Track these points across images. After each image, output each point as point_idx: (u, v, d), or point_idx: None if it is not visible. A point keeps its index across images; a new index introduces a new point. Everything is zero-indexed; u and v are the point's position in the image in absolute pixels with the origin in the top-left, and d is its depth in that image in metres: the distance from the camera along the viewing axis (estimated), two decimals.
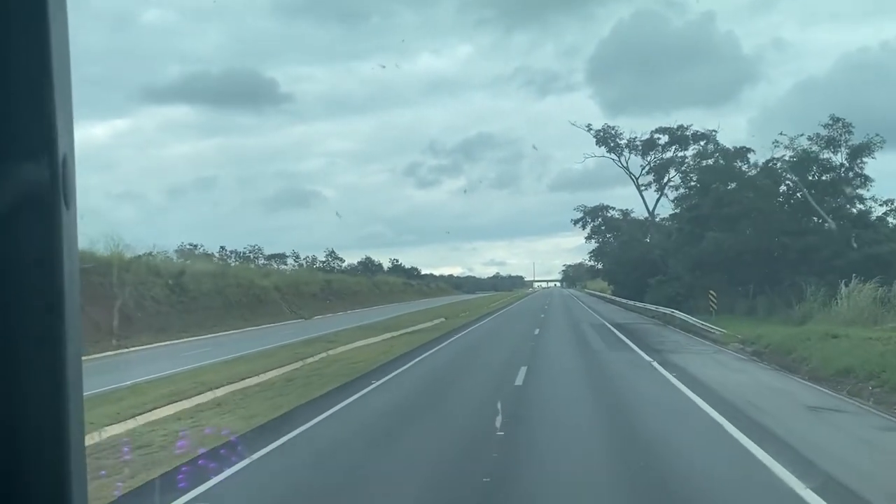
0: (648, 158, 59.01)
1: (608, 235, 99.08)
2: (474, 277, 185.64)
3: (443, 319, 48.19)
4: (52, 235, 0.86)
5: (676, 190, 51.14)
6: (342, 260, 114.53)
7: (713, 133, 52.85)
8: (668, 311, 39.17)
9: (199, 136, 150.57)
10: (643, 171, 60.79)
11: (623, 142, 60.02)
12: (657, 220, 62.28)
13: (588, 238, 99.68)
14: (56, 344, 0.86)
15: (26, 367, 0.85)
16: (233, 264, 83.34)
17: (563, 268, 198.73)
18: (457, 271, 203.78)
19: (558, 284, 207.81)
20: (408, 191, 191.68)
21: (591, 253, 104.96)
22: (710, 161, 46.59)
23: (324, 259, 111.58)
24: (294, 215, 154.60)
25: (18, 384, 0.85)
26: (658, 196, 59.59)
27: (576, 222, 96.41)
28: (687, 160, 51.03)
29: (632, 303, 57.13)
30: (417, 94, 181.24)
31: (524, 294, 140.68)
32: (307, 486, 8.25)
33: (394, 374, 18.64)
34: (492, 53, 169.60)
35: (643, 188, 60.30)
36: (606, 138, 59.49)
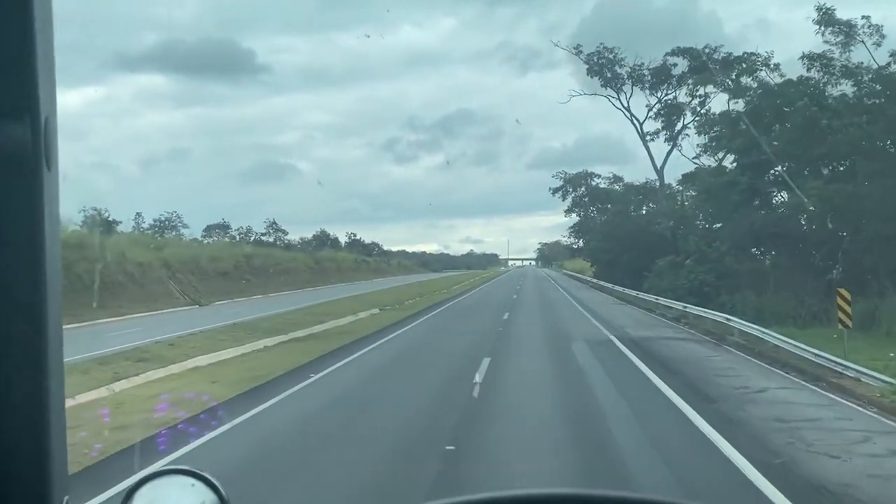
0: (659, 95, 43.75)
1: (592, 209, 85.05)
2: (447, 255, 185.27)
3: (376, 311, 35.96)
4: (34, 196, 0.85)
5: (704, 133, 36.30)
6: (284, 232, 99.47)
7: (754, 57, 36.50)
8: (700, 311, 24.69)
9: (173, 106, 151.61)
10: (649, 115, 45.46)
11: (625, 70, 44.63)
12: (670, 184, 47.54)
13: (568, 211, 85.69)
14: (36, 306, 0.86)
15: (6, 328, 0.85)
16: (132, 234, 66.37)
17: (539, 246, 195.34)
18: (433, 248, 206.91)
19: (533, 263, 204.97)
20: (386, 166, 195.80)
21: (571, 228, 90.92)
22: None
23: (264, 231, 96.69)
24: (269, 189, 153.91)
25: (3, 349, 0.85)
26: (670, 147, 44.64)
27: (555, 191, 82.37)
28: (724, 84, 35.76)
29: (623, 290, 42.98)
30: (398, 67, 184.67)
31: (496, 273, 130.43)
32: None
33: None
34: (475, 27, 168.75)
35: (649, 137, 45.25)
36: (602, 66, 44.15)
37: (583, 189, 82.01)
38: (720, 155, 35.53)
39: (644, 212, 55.20)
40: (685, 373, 13.82)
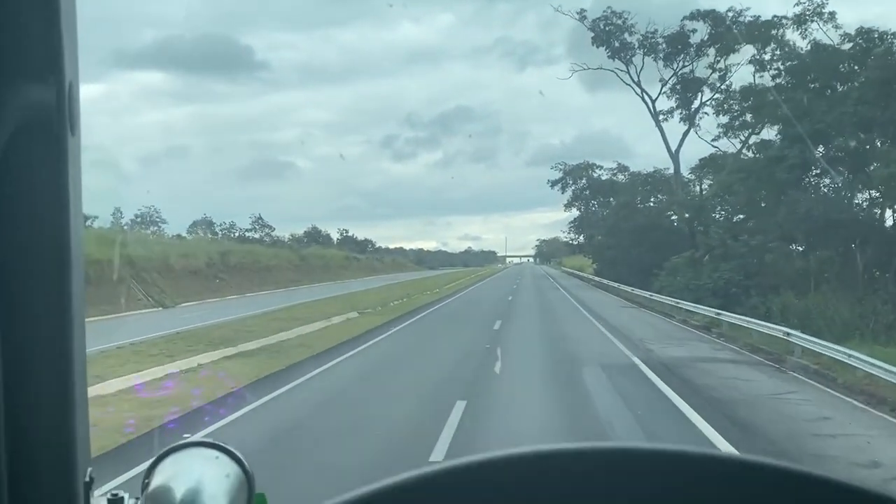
0: (675, 66, 38.55)
1: (593, 202, 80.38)
2: (445, 252, 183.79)
3: (354, 315, 31.54)
4: (59, 159, 0.85)
5: (724, 111, 31.51)
6: (271, 228, 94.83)
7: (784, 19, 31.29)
8: (738, 319, 20.11)
9: (172, 103, 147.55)
10: (663, 90, 40.23)
11: (635, 38, 39.28)
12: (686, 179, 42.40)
13: (568, 205, 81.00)
14: (63, 269, 0.86)
15: (35, 289, 0.85)
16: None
17: (537, 243, 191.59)
18: (431, 245, 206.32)
19: (531, 260, 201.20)
20: (384, 163, 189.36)
21: (571, 223, 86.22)
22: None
23: (249, 227, 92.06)
24: (268, 186, 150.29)
25: (28, 311, 0.85)
26: (686, 128, 39.43)
27: (554, 184, 77.60)
28: (757, 46, 30.72)
29: (632, 290, 38.38)
30: (396, 64, 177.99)
31: (493, 271, 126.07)
32: None
33: None
34: (473, 23, 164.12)
35: (663, 117, 40.12)
36: (609, 33, 39.01)
37: (583, 181, 77.30)
38: (746, 134, 30.74)
39: (652, 203, 50.40)
40: (764, 429, 9.07)
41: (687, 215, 34.55)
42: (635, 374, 13.43)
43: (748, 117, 32.55)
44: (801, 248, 23.38)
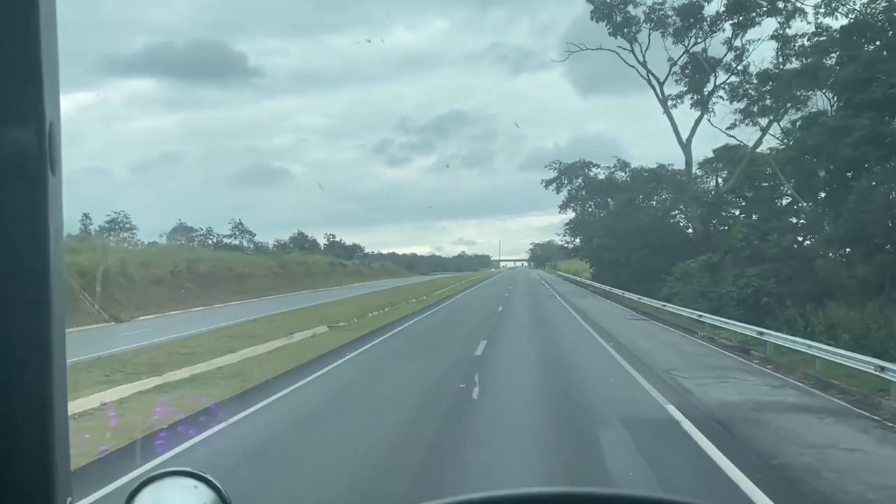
0: (686, 43, 33.90)
1: (589, 203, 76.19)
2: (439, 256, 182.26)
3: (323, 329, 27.17)
4: (39, 201, 0.86)
5: (739, 98, 27.15)
6: (252, 234, 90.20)
7: None
8: (789, 340, 15.78)
9: (165, 110, 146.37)
10: (672, 70, 35.44)
11: (641, 11, 34.49)
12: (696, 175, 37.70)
13: (563, 207, 76.83)
14: (41, 308, 0.86)
15: (12, 331, 0.86)
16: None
17: (531, 247, 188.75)
18: (425, 250, 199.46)
19: (525, 264, 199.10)
20: (378, 168, 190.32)
21: (566, 225, 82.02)
22: None
23: (229, 233, 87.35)
24: (262, 192, 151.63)
25: (8, 355, 0.85)
26: (699, 115, 34.69)
27: (548, 184, 73.41)
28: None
29: (638, 299, 34.17)
30: (391, 69, 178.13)
31: (486, 276, 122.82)
32: None
33: None
34: (467, 28, 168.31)
35: (672, 102, 35.50)
36: (611, 6, 34.33)
37: (580, 180, 73.10)
38: (770, 119, 26.34)
39: (656, 202, 45.98)
40: None
41: (701, 212, 30.09)
42: (679, 442, 8.89)
43: (768, 101, 28.34)
44: (862, 249, 19.01)
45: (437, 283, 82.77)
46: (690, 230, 41.57)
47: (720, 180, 35.10)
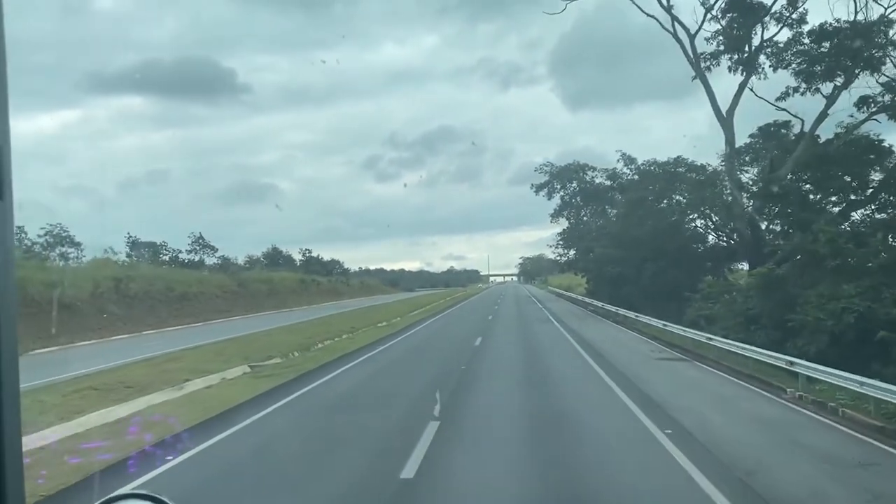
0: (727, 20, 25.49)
1: (584, 211, 68.39)
2: (428, 272, 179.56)
3: (244, 371, 20.76)
4: None
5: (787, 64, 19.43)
6: (213, 249, 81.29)
7: None
8: None
9: (152, 127, 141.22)
10: (707, 18, 27.19)
11: None
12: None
13: (555, 215, 68.97)
14: None
15: None
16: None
17: (521, 261, 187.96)
18: (414, 266, 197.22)
19: (515, 279, 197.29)
20: (367, 184, 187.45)
21: (558, 236, 74.16)
22: None
23: (189, 249, 78.57)
24: (250, 209, 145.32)
25: None
26: (742, 82, 26.25)
27: (539, 189, 65.77)
28: None
29: (664, 326, 26.51)
30: (379, 84, 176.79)
31: (474, 292, 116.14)
32: None
33: None
34: (456, 44, 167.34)
35: (706, 64, 27.06)
36: None
37: (574, 185, 65.36)
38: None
39: (669, 203, 37.97)
40: None
41: (754, 205, 22.11)
42: None
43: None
44: None
45: (418, 301, 74.74)
46: (714, 237, 33.74)
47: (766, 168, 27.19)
